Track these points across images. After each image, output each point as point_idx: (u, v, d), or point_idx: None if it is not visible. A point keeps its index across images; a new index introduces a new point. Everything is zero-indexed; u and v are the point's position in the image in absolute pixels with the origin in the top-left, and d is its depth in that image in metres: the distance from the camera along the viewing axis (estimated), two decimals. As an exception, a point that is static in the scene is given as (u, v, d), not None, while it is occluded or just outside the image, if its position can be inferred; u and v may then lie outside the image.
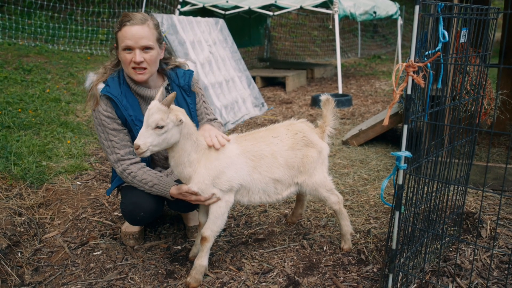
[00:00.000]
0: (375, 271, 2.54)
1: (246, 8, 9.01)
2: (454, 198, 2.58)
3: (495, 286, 2.31)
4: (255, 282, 2.46)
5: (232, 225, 3.18)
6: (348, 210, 3.25)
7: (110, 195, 3.51)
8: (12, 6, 10.22)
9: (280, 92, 8.89)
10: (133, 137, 2.60)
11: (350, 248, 2.77)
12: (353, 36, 16.85)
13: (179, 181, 2.52)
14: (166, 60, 2.70)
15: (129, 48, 2.43)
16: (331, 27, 8.56)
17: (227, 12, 9.73)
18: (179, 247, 2.88)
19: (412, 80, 1.90)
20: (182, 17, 6.21)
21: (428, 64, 1.95)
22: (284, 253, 2.77)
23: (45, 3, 10.61)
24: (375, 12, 9.48)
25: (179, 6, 9.48)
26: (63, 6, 11.06)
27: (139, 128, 2.47)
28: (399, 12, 10.87)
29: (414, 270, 2.38)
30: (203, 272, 2.46)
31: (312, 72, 10.73)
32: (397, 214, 2.05)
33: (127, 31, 2.40)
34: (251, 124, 6.25)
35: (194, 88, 2.75)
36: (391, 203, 2.12)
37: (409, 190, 2.13)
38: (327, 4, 8.50)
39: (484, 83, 2.55)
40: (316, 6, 8.67)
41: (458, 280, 2.35)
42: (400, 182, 2.01)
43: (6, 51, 8.17)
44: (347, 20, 14.97)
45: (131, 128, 2.58)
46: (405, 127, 1.96)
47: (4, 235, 2.77)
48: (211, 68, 6.32)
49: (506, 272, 2.41)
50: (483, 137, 4.71)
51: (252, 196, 2.52)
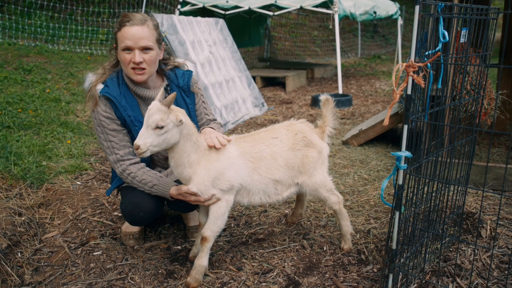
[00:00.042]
0: (375, 271, 2.54)
1: (246, 8, 9.01)
2: (454, 198, 2.58)
3: (495, 286, 2.31)
4: (255, 282, 2.46)
5: (232, 225, 3.18)
6: (348, 210, 3.25)
7: (110, 195, 3.51)
8: (12, 6, 10.22)
9: (280, 92, 8.88)
10: (132, 137, 2.60)
11: (350, 248, 2.77)
12: (353, 36, 16.85)
13: (179, 181, 2.52)
14: (165, 60, 2.70)
15: (128, 49, 2.43)
16: (331, 27, 8.56)
17: (227, 12, 9.73)
18: (179, 247, 2.88)
19: (412, 80, 1.90)
20: (182, 17, 6.20)
21: (428, 64, 1.95)
22: (284, 253, 2.77)
23: (45, 3, 10.61)
24: (375, 12, 9.48)
25: (179, 6, 9.48)
26: (63, 6, 11.06)
27: (138, 128, 2.47)
28: (399, 12, 10.87)
29: (414, 270, 2.38)
30: (203, 272, 2.46)
31: (312, 72, 10.73)
32: (397, 214, 2.05)
33: (126, 32, 2.41)
34: (251, 124, 6.25)
35: (193, 89, 2.75)
36: (391, 203, 2.12)
37: (409, 190, 2.13)
38: (327, 4, 8.50)
39: (484, 83, 2.55)
40: (316, 6, 8.66)
41: (458, 280, 2.35)
42: (400, 182, 2.01)
43: (6, 51, 8.17)
44: (347, 20, 14.97)
45: (130, 128, 2.58)
46: (405, 127, 1.96)
47: (4, 235, 2.77)
48: (211, 68, 6.32)
49: (506, 272, 2.41)
50: (483, 137, 4.71)
51: (252, 197, 2.52)
